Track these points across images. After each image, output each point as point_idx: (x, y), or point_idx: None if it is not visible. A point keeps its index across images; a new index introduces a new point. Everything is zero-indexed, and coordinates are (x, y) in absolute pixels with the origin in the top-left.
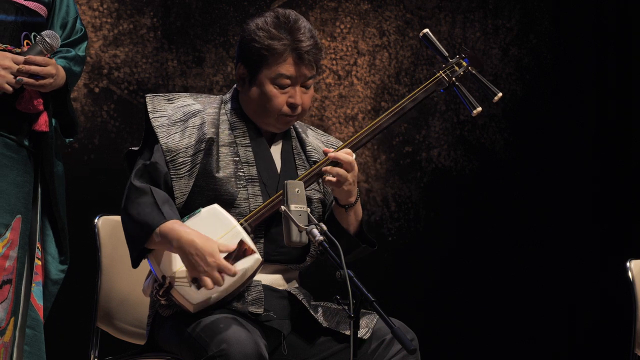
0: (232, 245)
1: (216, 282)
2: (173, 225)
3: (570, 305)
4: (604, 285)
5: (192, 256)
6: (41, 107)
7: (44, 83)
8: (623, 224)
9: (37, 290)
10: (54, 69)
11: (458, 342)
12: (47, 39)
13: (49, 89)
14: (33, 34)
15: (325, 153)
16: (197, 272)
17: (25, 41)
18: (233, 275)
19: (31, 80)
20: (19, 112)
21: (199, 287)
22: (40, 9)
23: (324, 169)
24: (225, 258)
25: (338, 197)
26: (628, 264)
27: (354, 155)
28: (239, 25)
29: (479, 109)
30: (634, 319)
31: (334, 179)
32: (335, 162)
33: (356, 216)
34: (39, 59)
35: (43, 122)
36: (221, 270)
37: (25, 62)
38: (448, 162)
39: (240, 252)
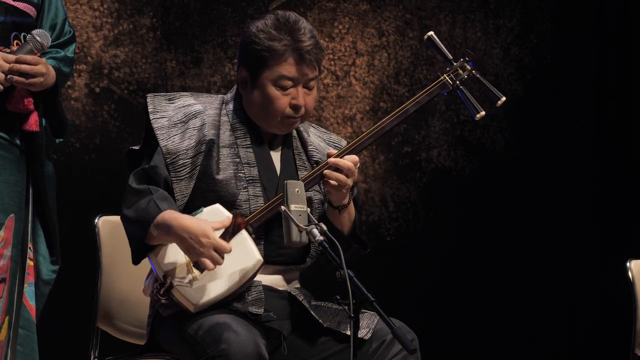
0: (226, 221)
1: (215, 261)
2: (165, 215)
3: (570, 305)
4: (604, 285)
5: (186, 240)
6: (31, 107)
7: (34, 82)
8: (623, 224)
9: (29, 291)
10: (45, 68)
11: (458, 342)
12: (37, 38)
13: (39, 88)
14: (23, 34)
15: (329, 155)
16: (195, 255)
17: (15, 41)
18: (229, 251)
19: (21, 79)
20: (10, 111)
21: (202, 270)
22: (30, 10)
23: (324, 172)
24: (222, 236)
25: (331, 199)
26: (628, 264)
27: (358, 163)
28: (237, 26)
29: (483, 113)
30: (634, 319)
31: (334, 183)
32: (336, 167)
33: (349, 217)
34: (29, 57)
35: (33, 122)
36: (217, 249)
37: (17, 61)
38: (448, 162)
39: (235, 226)
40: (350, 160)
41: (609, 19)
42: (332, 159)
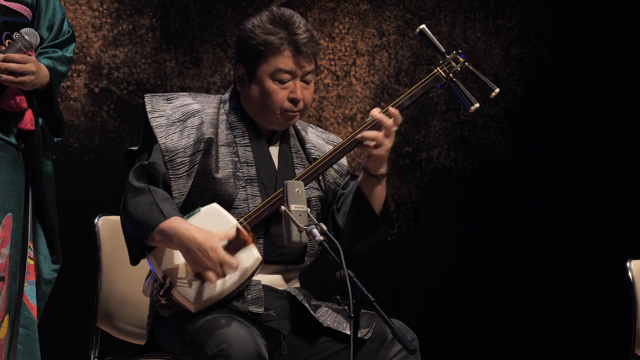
0: (231, 232)
1: (219, 276)
2: (173, 223)
3: (570, 305)
4: (604, 285)
5: (194, 252)
6: (24, 105)
7: (23, 80)
8: (623, 224)
9: (29, 290)
10: (34, 66)
11: (458, 342)
12: (25, 37)
13: (30, 86)
14: (15, 33)
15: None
16: (200, 268)
17: (7, 40)
18: (236, 268)
19: (10, 77)
20: (4, 110)
21: (203, 281)
22: (23, 10)
23: (364, 134)
24: (225, 248)
25: (371, 166)
26: (628, 264)
27: (397, 127)
28: (236, 26)
29: (477, 105)
30: (634, 319)
31: (372, 144)
32: (376, 126)
33: (383, 191)
34: (17, 56)
35: (28, 121)
36: (223, 264)
37: (4, 60)
38: (448, 162)
39: (240, 241)
40: (392, 114)
41: (609, 19)
42: (377, 114)
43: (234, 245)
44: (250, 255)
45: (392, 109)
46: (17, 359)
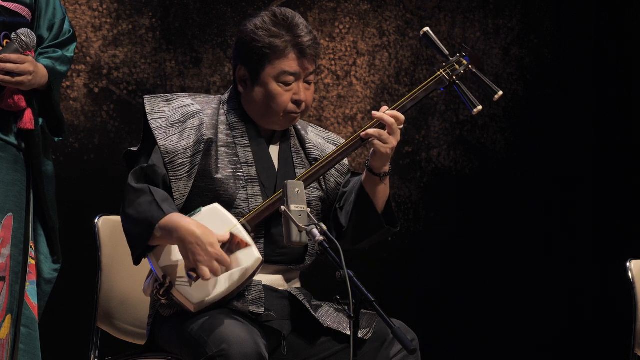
0: (226, 236)
1: (214, 272)
2: (173, 217)
3: (570, 305)
4: (604, 285)
5: (192, 245)
6: (23, 104)
7: (21, 80)
8: (623, 224)
9: (31, 289)
10: (31, 67)
11: (458, 342)
12: (22, 37)
13: (28, 86)
14: (12, 34)
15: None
16: (195, 262)
17: (5, 41)
18: (227, 265)
19: (7, 78)
20: (3, 110)
21: (196, 278)
22: (22, 10)
23: (368, 131)
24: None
25: (374, 164)
26: (628, 264)
27: (402, 125)
28: (236, 26)
29: (480, 107)
30: (634, 319)
31: (378, 141)
32: (381, 125)
33: (385, 190)
34: (14, 56)
35: (28, 120)
36: (219, 261)
37: (0, 61)
38: (448, 162)
39: (234, 244)
40: (392, 117)
41: (609, 19)
42: (378, 114)
43: (229, 247)
44: (251, 255)
45: (391, 112)
46: (19, 358)
